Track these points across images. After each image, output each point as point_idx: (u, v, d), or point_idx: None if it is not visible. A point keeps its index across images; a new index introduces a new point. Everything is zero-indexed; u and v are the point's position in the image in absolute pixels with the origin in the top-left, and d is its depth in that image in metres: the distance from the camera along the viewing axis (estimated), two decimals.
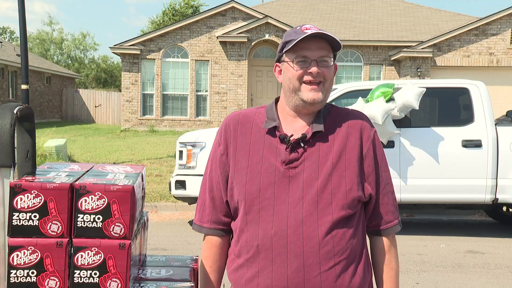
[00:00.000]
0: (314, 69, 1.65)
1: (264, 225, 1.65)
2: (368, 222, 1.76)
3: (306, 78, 1.67)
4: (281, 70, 1.76)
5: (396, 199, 1.80)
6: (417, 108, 6.83)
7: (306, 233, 1.61)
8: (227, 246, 1.80)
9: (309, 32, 1.65)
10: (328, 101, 6.03)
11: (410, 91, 6.86)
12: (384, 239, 1.76)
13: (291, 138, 1.68)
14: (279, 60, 1.76)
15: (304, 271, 1.61)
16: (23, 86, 10.05)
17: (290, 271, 1.61)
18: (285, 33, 1.75)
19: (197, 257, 1.76)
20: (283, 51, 1.71)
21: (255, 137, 1.74)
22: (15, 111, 1.45)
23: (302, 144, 1.68)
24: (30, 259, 1.31)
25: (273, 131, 1.72)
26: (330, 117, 1.75)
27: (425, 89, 6.97)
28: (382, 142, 6.88)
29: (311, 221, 1.62)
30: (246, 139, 1.74)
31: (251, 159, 1.71)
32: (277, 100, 1.82)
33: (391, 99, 6.90)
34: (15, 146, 1.48)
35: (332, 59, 1.70)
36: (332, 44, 1.69)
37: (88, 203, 1.33)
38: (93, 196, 1.33)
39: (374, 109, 6.74)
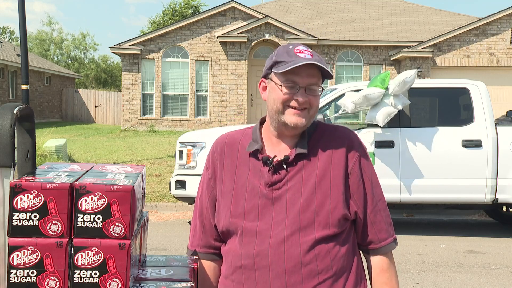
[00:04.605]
0: (301, 99, 1.62)
1: (247, 246, 1.64)
2: (361, 241, 1.72)
3: (292, 104, 1.63)
4: (266, 86, 1.71)
5: (389, 216, 1.74)
6: (406, 81, 6.78)
7: (288, 252, 1.60)
8: (218, 270, 1.80)
9: (302, 56, 1.61)
10: (328, 100, 6.06)
11: (404, 72, 7.00)
12: (381, 257, 1.72)
13: (274, 160, 1.66)
14: (265, 76, 1.71)
15: None
16: (23, 86, 10.05)
17: None
18: (277, 51, 1.69)
19: (197, 257, 1.76)
20: (272, 70, 1.66)
21: (241, 159, 1.73)
22: (15, 111, 1.45)
23: (284, 166, 1.66)
24: (30, 259, 1.31)
25: (257, 153, 1.70)
26: (315, 135, 1.71)
27: (417, 70, 7.05)
28: (379, 126, 6.91)
29: (292, 240, 1.60)
30: (233, 162, 1.74)
31: (236, 182, 1.70)
32: (262, 120, 1.78)
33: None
34: (15, 146, 1.48)
35: (320, 87, 1.66)
36: (322, 72, 1.65)
37: (88, 203, 1.33)
38: (93, 196, 1.33)
39: (368, 89, 6.82)
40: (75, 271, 1.33)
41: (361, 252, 1.76)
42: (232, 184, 1.71)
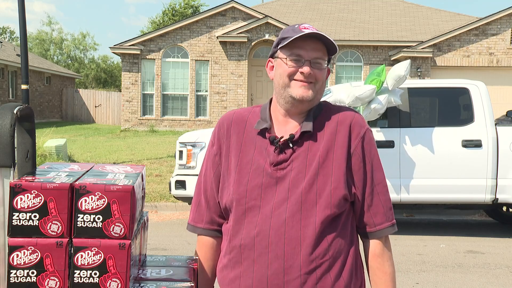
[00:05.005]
0: (306, 69, 1.63)
1: (248, 226, 1.64)
2: (358, 223, 1.71)
3: (297, 77, 1.65)
4: (273, 66, 1.74)
5: (389, 200, 1.72)
6: (404, 75, 6.78)
7: (288, 234, 1.59)
8: (218, 248, 1.80)
9: (306, 31, 1.63)
10: (328, 101, 5.85)
11: (397, 64, 6.96)
12: (375, 241, 1.70)
13: (281, 140, 1.67)
14: (272, 56, 1.74)
15: (284, 272, 1.59)
16: (23, 86, 10.05)
17: (270, 272, 1.60)
18: (283, 30, 1.73)
19: (197, 257, 1.76)
20: (278, 47, 1.69)
21: (247, 137, 1.73)
22: (15, 111, 1.45)
23: (291, 145, 1.66)
24: (30, 259, 1.31)
25: (264, 132, 1.70)
26: (321, 116, 1.71)
27: (410, 61, 7.05)
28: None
29: (293, 222, 1.60)
30: (239, 139, 1.73)
31: (241, 159, 1.70)
32: (271, 100, 1.80)
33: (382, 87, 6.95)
34: (15, 146, 1.48)
35: (325, 61, 1.68)
36: (328, 47, 1.67)
37: (88, 203, 1.33)
38: (93, 196, 1.33)
39: (358, 89, 6.82)
40: (75, 271, 1.33)
41: (359, 236, 1.75)
42: (237, 161, 1.70)
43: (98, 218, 1.33)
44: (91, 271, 1.33)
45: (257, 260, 1.62)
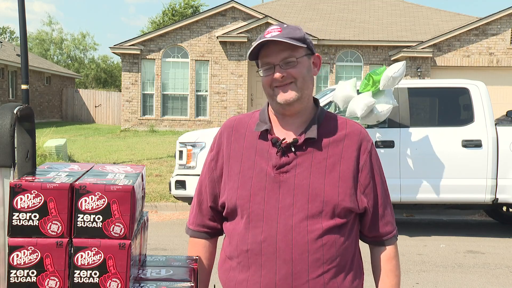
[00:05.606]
0: (277, 75, 1.64)
1: (254, 230, 1.65)
2: (368, 232, 1.76)
3: (275, 83, 1.65)
4: None
5: (393, 209, 1.82)
6: (392, 77, 6.68)
7: (296, 240, 1.61)
8: (211, 248, 1.85)
9: (268, 37, 1.62)
10: (328, 100, 6.08)
11: (392, 66, 6.87)
12: (389, 248, 1.78)
13: (283, 142, 1.67)
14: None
15: (292, 278, 1.61)
16: (23, 86, 10.05)
17: (278, 277, 1.62)
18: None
19: (197, 257, 1.76)
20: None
21: (248, 142, 1.74)
22: (15, 111, 1.45)
23: (293, 149, 1.67)
24: (30, 259, 1.31)
25: (265, 134, 1.71)
26: (325, 124, 1.72)
27: (405, 62, 6.94)
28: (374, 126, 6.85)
29: (300, 228, 1.61)
30: (239, 144, 1.74)
31: (243, 164, 1.71)
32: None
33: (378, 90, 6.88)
34: (15, 146, 1.48)
35: (299, 56, 1.64)
36: (299, 41, 1.64)
37: (88, 203, 1.33)
38: (93, 196, 1.33)
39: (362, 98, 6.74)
40: (75, 271, 1.33)
41: (363, 242, 1.80)
42: (239, 166, 1.72)
43: (98, 218, 1.33)
44: (91, 271, 1.33)
45: (265, 265, 1.63)
